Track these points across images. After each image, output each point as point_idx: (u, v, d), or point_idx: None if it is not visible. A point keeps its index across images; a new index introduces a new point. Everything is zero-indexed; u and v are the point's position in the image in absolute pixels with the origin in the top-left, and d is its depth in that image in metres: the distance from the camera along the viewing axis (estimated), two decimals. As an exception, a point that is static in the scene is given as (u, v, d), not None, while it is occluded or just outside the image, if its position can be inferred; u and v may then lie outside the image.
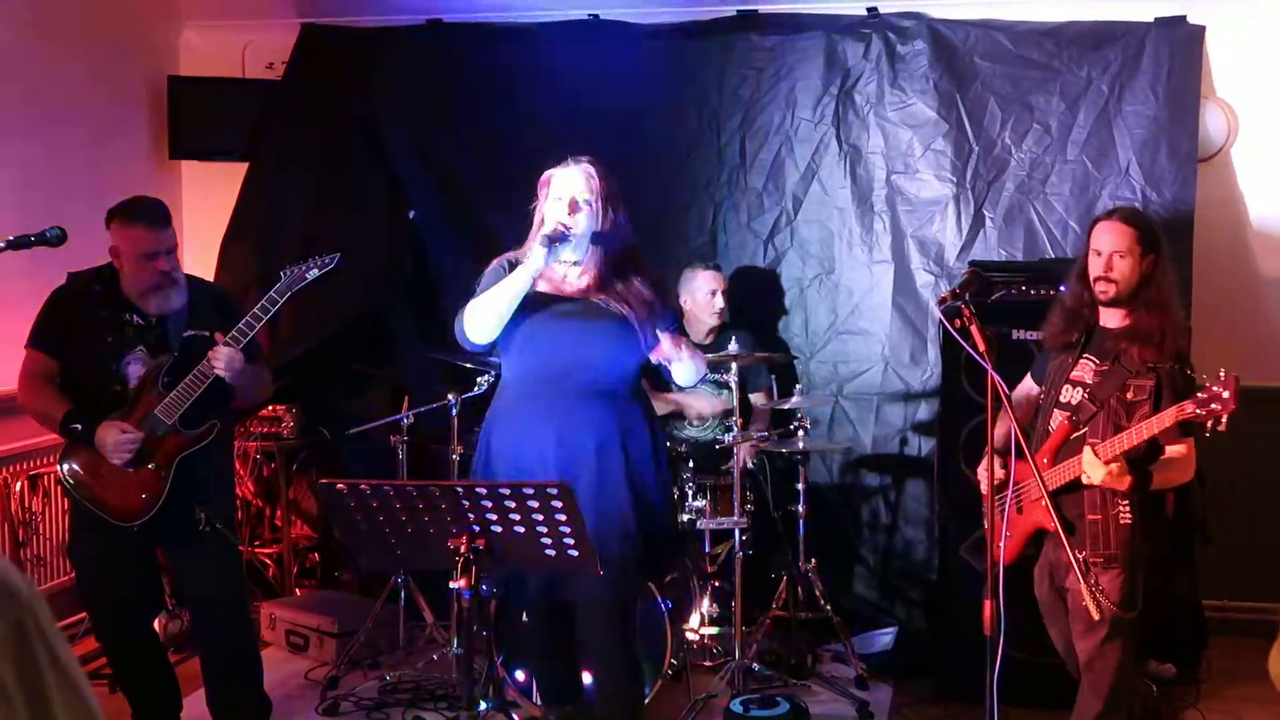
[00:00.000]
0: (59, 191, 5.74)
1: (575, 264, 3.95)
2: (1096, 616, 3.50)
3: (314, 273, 4.31)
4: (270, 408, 6.15)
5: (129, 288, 4.23)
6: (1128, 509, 3.93)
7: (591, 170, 3.97)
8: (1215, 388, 3.53)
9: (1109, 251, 4.00)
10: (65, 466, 4.21)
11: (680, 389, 4.86)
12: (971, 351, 3.40)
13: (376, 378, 6.22)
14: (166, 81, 6.50)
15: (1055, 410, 4.06)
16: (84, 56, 6.09)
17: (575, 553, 3.13)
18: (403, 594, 5.53)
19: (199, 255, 6.52)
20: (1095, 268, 4.02)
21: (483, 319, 3.85)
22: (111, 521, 4.14)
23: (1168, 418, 3.67)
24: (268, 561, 6.27)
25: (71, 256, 4.33)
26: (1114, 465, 3.74)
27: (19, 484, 5.42)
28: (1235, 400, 3.50)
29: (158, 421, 4.13)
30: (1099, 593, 3.83)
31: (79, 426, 4.14)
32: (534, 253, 3.80)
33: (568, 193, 3.92)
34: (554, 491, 3.01)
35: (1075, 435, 3.98)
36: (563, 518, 3.06)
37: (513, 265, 3.96)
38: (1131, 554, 3.95)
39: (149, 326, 4.24)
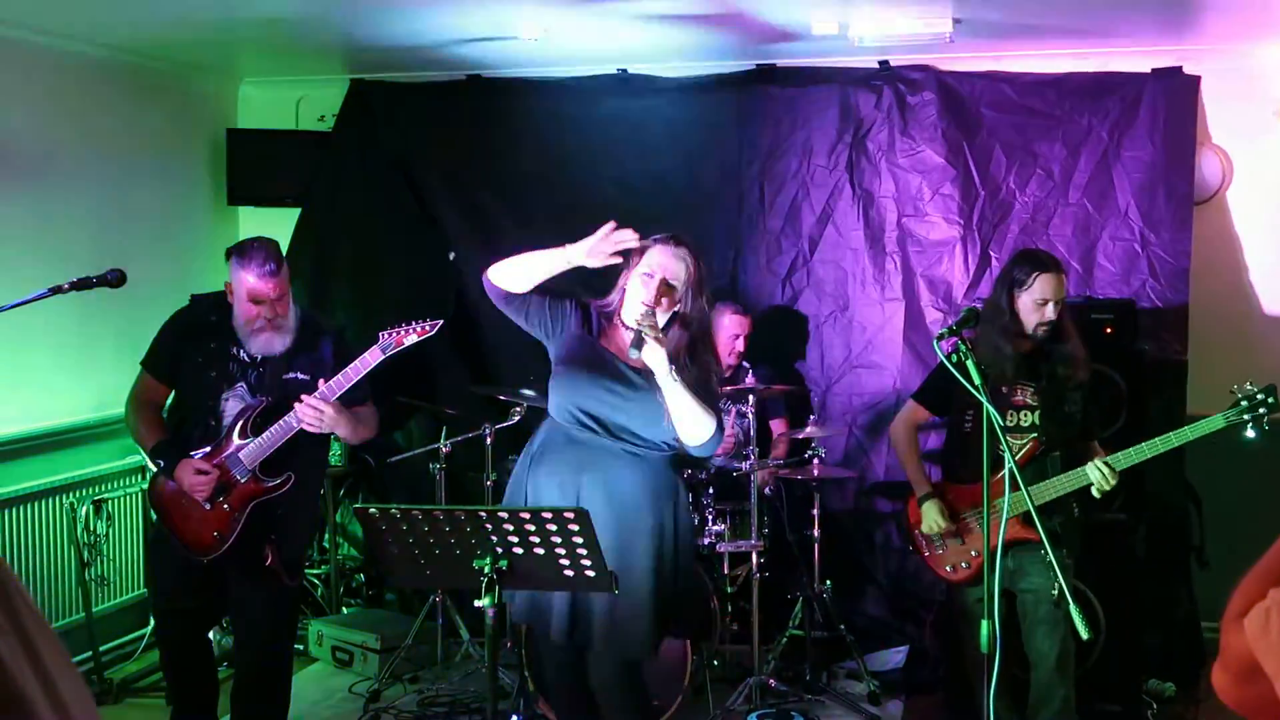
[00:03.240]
0: (128, 235, 5.88)
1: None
2: (1087, 636, 3.50)
3: (412, 338, 4.02)
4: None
5: (237, 324, 4.13)
6: (1078, 506, 4.40)
7: (687, 257, 3.71)
8: None
9: (1054, 300, 4.33)
10: (152, 492, 4.22)
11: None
12: (967, 384, 3.40)
13: (418, 409, 6.28)
14: (225, 133, 6.62)
15: (1005, 435, 4.11)
16: (151, 111, 6.22)
17: (592, 573, 3.16)
18: (440, 612, 5.58)
19: (254, 294, 6.64)
20: (1042, 314, 4.32)
21: (512, 269, 3.72)
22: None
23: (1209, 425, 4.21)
24: (316, 581, 6.32)
25: (137, 295, 4.39)
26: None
27: (84, 509, 5.51)
28: None
29: (239, 465, 4.05)
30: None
31: (162, 463, 4.11)
32: (583, 246, 3.62)
33: (659, 272, 3.67)
34: (570, 516, 3.04)
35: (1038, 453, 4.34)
36: (579, 540, 3.08)
37: (584, 307, 3.84)
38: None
39: (252, 364, 4.14)
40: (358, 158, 6.49)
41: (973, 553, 4.44)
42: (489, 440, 5.32)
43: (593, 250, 3.63)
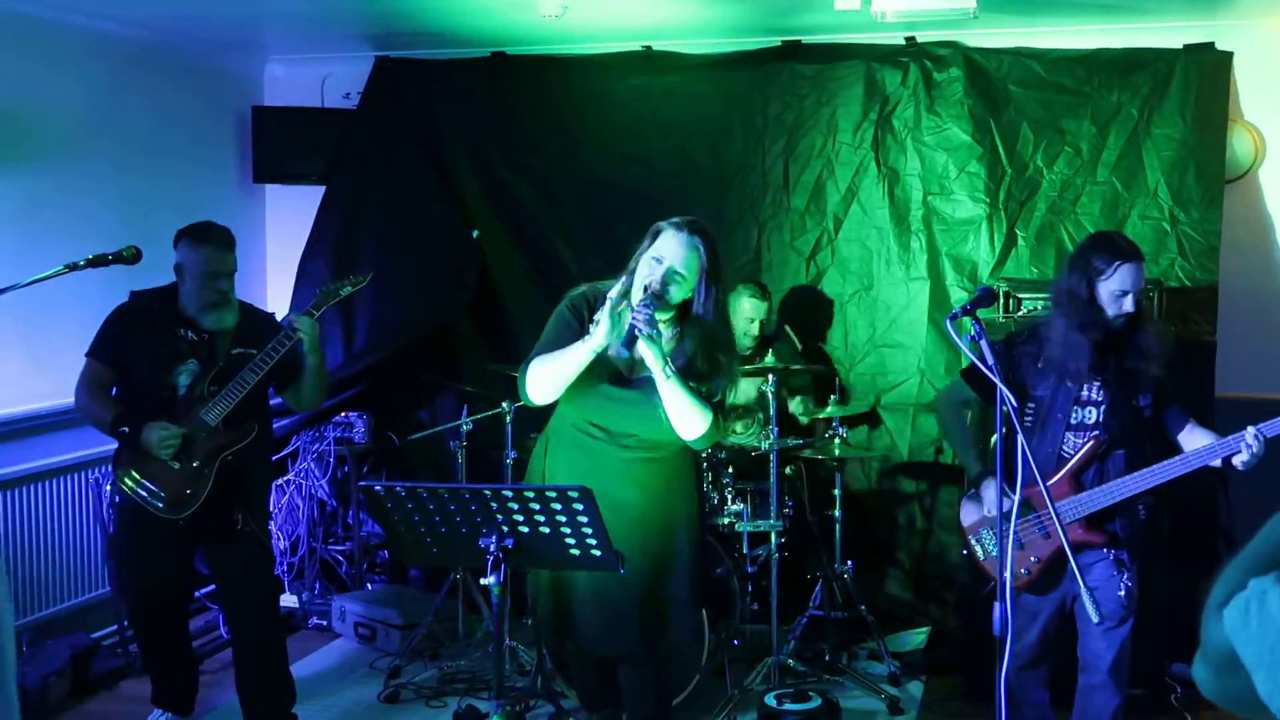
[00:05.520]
0: (154, 213, 5.87)
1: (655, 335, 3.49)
2: (1096, 619, 3.47)
3: (347, 289, 4.47)
4: (343, 413, 6.24)
5: (188, 305, 4.34)
6: (1144, 507, 4.07)
7: (700, 246, 3.56)
8: None
9: (1134, 292, 3.96)
10: (119, 465, 4.33)
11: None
12: (980, 365, 3.35)
13: (442, 386, 6.29)
14: (252, 111, 6.62)
15: (1068, 433, 4.02)
16: (177, 89, 6.24)
17: (598, 552, 3.14)
18: (461, 589, 5.58)
19: (280, 270, 6.69)
20: (1119, 306, 3.95)
21: (543, 385, 3.60)
22: (157, 516, 4.24)
23: None
24: (340, 558, 6.35)
25: (163, 272, 4.43)
26: None
27: (109, 484, 5.54)
28: None
29: (202, 424, 4.24)
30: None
31: (126, 429, 4.26)
32: (601, 330, 3.44)
33: (668, 259, 3.54)
34: (575, 494, 3.02)
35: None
36: (585, 519, 3.06)
37: (589, 301, 3.67)
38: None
39: (200, 342, 4.36)
40: (383, 135, 6.48)
41: (1032, 559, 4.08)
42: (509, 418, 5.31)
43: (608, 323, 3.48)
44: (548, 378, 3.60)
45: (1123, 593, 3.99)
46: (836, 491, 5.38)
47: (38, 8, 5.34)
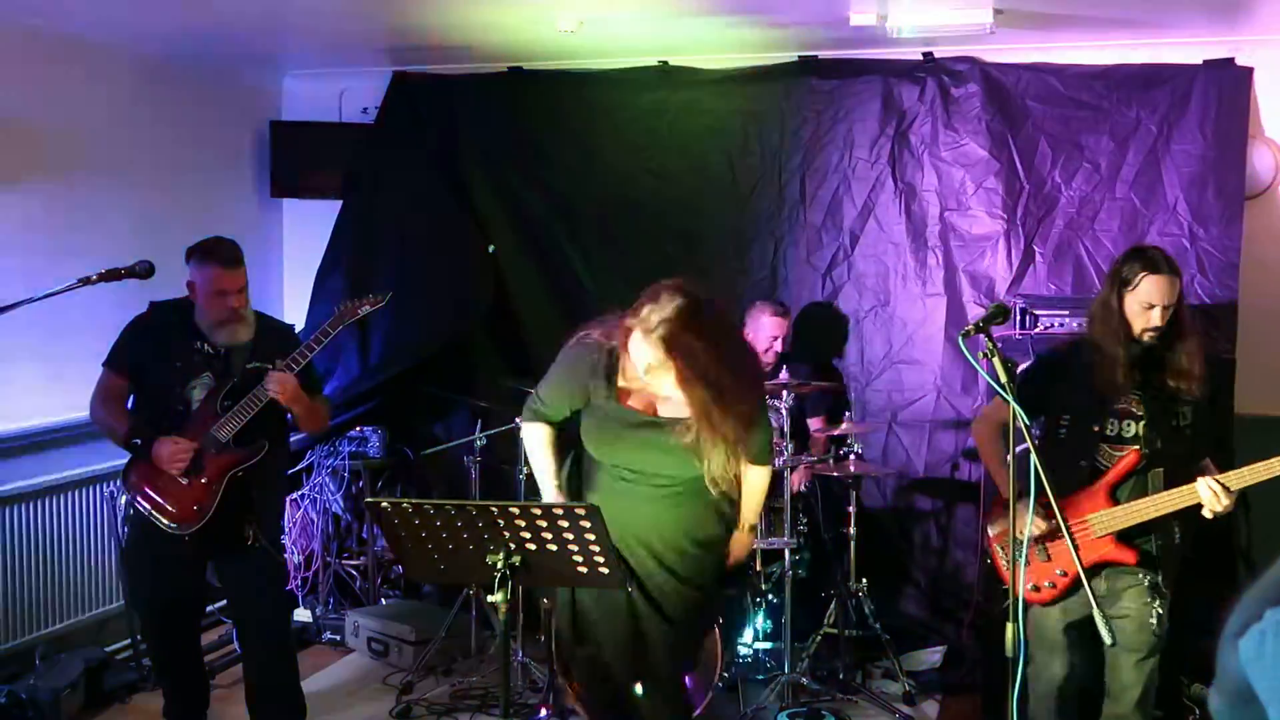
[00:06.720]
0: (172, 228, 5.86)
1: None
2: (1109, 642, 3.39)
3: (365, 309, 4.42)
4: (358, 428, 6.22)
5: (201, 320, 4.32)
6: (1179, 531, 3.97)
7: (655, 344, 3.30)
8: None
9: (1161, 305, 3.85)
10: (128, 477, 4.32)
11: None
12: (991, 383, 3.31)
13: (457, 402, 6.26)
14: (269, 126, 6.64)
15: (1104, 445, 3.94)
16: (195, 104, 6.26)
17: (605, 570, 3.11)
18: (474, 604, 5.55)
19: (296, 284, 6.69)
20: (1147, 320, 3.85)
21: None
22: (165, 530, 4.22)
23: None
24: (354, 572, 6.32)
25: (179, 287, 4.40)
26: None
27: (124, 497, 5.53)
28: None
29: (212, 440, 4.21)
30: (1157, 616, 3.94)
31: (139, 442, 4.25)
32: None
33: (641, 360, 3.36)
34: (582, 513, 2.99)
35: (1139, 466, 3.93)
36: (591, 537, 3.03)
37: (604, 363, 3.57)
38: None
39: (216, 356, 4.33)
40: (400, 149, 6.48)
41: (1058, 572, 3.99)
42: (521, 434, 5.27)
43: None
44: (529, 460, 3.85)
45: (1154, 620, 3.90)
46: (851, 509, 5.32)
47: (58, 23, 5.36)
